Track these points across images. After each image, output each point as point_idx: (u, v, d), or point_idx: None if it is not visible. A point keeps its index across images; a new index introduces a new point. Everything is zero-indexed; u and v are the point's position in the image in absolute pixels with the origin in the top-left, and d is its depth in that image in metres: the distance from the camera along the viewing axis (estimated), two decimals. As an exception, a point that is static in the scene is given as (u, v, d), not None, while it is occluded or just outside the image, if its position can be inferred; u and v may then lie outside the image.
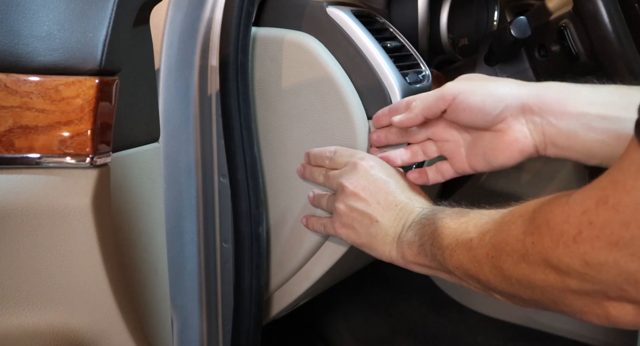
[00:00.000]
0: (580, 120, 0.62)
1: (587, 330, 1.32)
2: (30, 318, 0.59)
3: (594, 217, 0.42)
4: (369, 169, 0.72)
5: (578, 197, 0.44)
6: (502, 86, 0.66)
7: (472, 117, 0.66)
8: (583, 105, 0.62)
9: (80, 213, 0.56)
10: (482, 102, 0.65)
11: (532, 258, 0.48)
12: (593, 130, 0.61)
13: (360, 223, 0.71)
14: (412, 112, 0.70)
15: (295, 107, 0.82)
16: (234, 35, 0.77)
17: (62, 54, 0.54)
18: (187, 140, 0.83)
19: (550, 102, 0.63)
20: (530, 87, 0.65)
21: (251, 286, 0.83)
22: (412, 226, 0.67)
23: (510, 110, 0.64)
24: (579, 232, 0.43)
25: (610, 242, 0.41)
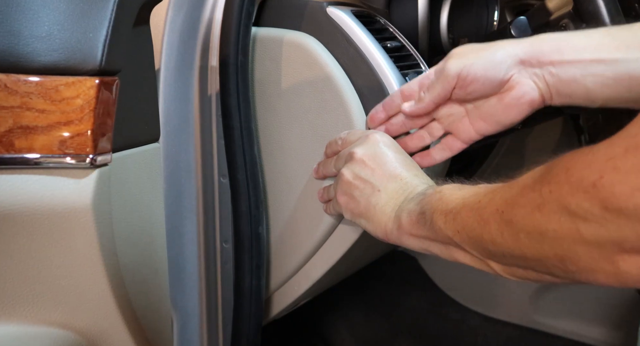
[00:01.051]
0: (577, 67, 0.64)
1: (587, 330, 1.32)
2: (30, 317, 0.59)
3: (621, 163, 0.40)
4: (381, 142, 0.72)
5: (603, 146, 0.43)
6: (498, 50, 0.67)
7: (480, 89, 0.68)
8: (577, 52, 0.64)
9: (80, 213, 0.56)
10: (484, 71, 0.67)
11: (547, 207, 0.46)
12: (590, 74, 0.64)
13: (361, 192, 0.70)
14: (423, 101, 0.71)
15: (295, 107, 0.82)
16: (234, 36, 0.77)
17: (63, 54, 0.54)
18: (187, 140, 0.83)
19: (546, 53, 0.65)
20: (525, 43, 0.67)
21: (251, 287, 0.83)
22: (415, 197, 0.66)
23: (512, 70, 0.67)
24: (600, 177, 0.41)
25: (634, 187, 0.39)
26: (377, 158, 0.71)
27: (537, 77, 0.67)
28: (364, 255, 0.82)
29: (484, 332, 1.42)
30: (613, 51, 0.63)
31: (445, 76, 0.69)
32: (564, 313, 1.35)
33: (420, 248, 0.66)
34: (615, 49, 0.63)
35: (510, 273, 0.56)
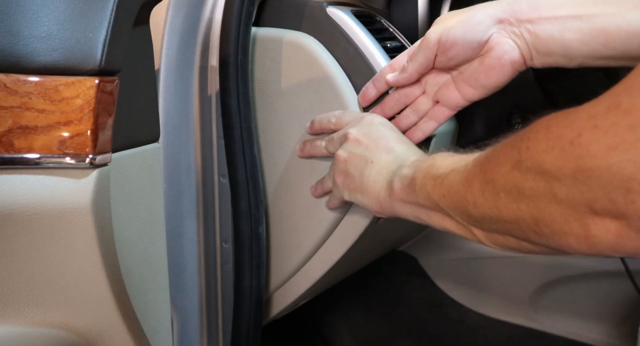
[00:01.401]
0: (554, 24, 0.65)
1: (587, 330, 1.32)
2: (30, 318, 0.59)
3: (601, 121, 0.39)
4: (375, 121, 0.73)
5: (587, 105, 0.42)
6: (477, 11, 0.68)
7: (461, 52, 0.69)
8: (554, 8, 0.65)
9: (80, 213, 0.56)
10: (464, 34, 0.68)
11: (524, 164, 0.45)
12: (568, 30, 0.64)
13: (355, 167, 0.71)
14: (407, 71, 0.73)
15: (294, 107, 0.82)
16: (234, 36, 0.77)
17: (62, 54, 0.54)
18: (187, 140, 0.83)
19: (523, 11, 0.66)
20: (503, 2, 0.67)
21: (251, 287, 0.83)
22: (409, 165, 0.66)
23: (491, 29, 0.68)
24: (579, 135, 0.40)
25: (610, 146, 0.38)
26: (371, 135, 0.71)
27: (515, 35, 0.68)
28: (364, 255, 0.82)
29: (484, 332, 1.42)
30: (590, 6, 0.63)
31: (427, 43, 0.70)
32: (564, 313, 1.35)
33: (412, 215, 0.65)
34: (592, 4, 0.63)
35: (492, 241, 0.56)
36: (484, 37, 0.68)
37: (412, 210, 0.65)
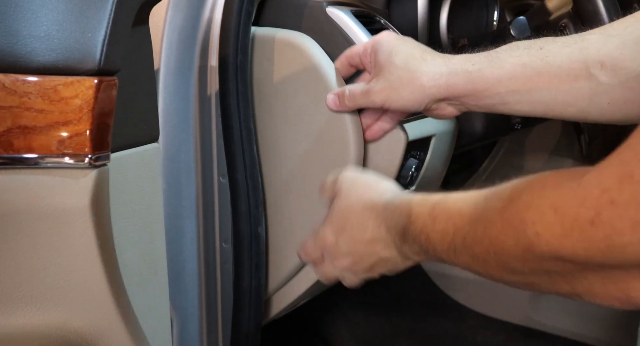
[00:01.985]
0: (493, 99, 0.68)
1: (587, 330, 1.32)
2: (29, 318, 0.59)
3: (617, 195, 0.37)
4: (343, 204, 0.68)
5: (593, 176, 0.40)
6: (415, 90, 0.71)
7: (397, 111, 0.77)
8: (491, 84, 0.67)
9: (79, 213, 0.56)
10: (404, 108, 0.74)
11: (538, 250, 0.43)
12: (506, 103, 0.68)
13: (360, 267, 0.68)
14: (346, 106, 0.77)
15: (291, 107, 0.82)
16: (234, 36, 0.77)
17: (61, 54, 0.53)
18: (186, 140, 0.83)
19: (462, 92, 0.69)
20: (441, 82, 0.70)
21: (251, 287, 0.83)
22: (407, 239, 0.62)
23: (430, 105, 0.72)
24: (598, 214, 0.38)
25: (635, 220, 0.37)
26: (348, 235, 0.67)
27: (454, 105, 0.73)
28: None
29: (484, 332, 1.42)
30: (526, 81, 0.65)
31: (370, 102, 0.74)
32: (564, 313, 1.35)
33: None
34: (528, 79, 0.65)
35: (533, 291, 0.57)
36: (424, 108, 0.73)
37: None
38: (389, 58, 0.72)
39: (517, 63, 0.66)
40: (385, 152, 0.81)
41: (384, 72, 0.73)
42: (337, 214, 0.68)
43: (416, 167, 0.84)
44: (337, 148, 0.79)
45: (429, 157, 0.88)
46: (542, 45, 0.66)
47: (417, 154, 0.86)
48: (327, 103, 0.78)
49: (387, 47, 0.73)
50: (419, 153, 0.86)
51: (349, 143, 0.78)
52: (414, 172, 0.84)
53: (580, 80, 0.63)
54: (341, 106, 0.77)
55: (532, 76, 0.65)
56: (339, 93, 0.77)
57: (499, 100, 0.68)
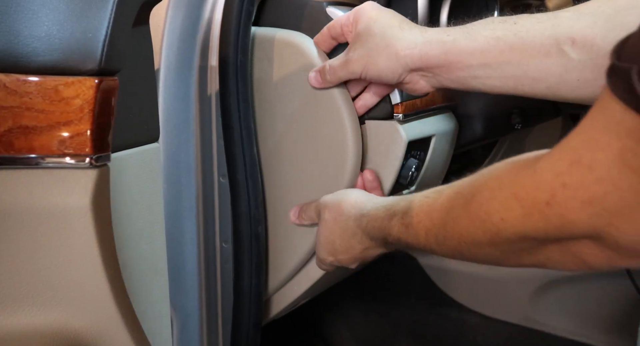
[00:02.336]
0: (465, 71, 0.69)
1: (587, 330, 1.32)
2: (29, 318, 0.59)
3: (568, 178, 0.43)
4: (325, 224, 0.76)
5: (546, 162, 0.45)
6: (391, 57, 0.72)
7: (378, 82, 0.77)
8: (463, 56, 0.68)
9: (79, 213, 0.56)
10: (379, 76, 0.73)
11: (504, 234, 0.49)
12: (478, 77, 0.69)
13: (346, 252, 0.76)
14: (327, 81, 0.77)
15: (290, 107, 0.82)
16: (234, 36, 0.77)
17: (62, 54, 0.53)
18: (187, 140, 0.83)
19: (435, 63, 0.70)
20: (415, 52, 0.71)
21: (251, 287, 0.83)
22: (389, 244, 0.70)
23: (404, 75, 0.73)
24: (553, 196, 0.43)
25: (584, 200, 0.42)
26: (342, 254, 0.76)
27: (427, 78, 0.73)
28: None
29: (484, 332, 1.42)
30: (497, 55, 0.66)
31: (350, 72, 0.74)
32: (564, 313, 1.35)
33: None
34: (499, 53, 0.66)
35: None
36: (399, 79, 0.73)
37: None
38: (367, 26, 0.73)
39: (490, 36, 0.67)
40: (386, 152, 0.81)
41: (361, 40, 0.73)
42: (325, 241, 0.76)
43: (416, 167, 0.84)
44: (336, 148, 0.79)
45: (429, 157, 0.88)
46: (516, 21, 0.67)
47: (417, 154, 0.86)
48: (310, 81, 0.78)
49: (367, 16, 0.74)
50: (419, 153, 0.86)
51: (348, 143, 0.78)
52: (414, 172, 0.84)
53: (552, 56, 0.64)
54: (323, 82, 0.77)
55: (504, 50, 0.66)
56: (319, 69, 0.78)
57: (471, 72, 0.69)
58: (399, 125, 0.80)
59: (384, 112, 0.81)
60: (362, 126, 0.81)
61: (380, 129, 0.81)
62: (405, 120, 0.82)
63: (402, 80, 0.74)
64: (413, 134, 0.82)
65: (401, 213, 0.65)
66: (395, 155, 0.81)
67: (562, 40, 0.62)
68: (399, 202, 0.67)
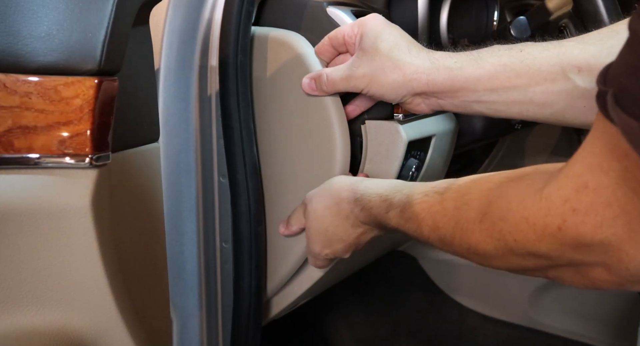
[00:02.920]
0: (470, 97, 0.70)
1: (587, 330, 1.32)
2: (29, 318, 0.59)
3: (577, 204, 0.44)
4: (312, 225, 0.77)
5: (553, 188, 0.46)
6: (396, 81, 0.72)
7: (373, 97, 0.77)
8: (471, 83, 0.69)
9: (79, 213, 0.56)
10: (382, 96, 0.74)
11: (518, 252, 0.50)
12: (482, 102, 0.70)
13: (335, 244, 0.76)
14: (325, 91, 0.77)
15: (286, 107, 0.81)
16: (234, 36, 0.77)
17: (62, 54, 0.54)
18: (187, 140, 0.83)
19: (440, 88, 0.71)
20: (422, 75, 0.71)
21: (251, 287, 0.83)
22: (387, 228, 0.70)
23: (407, 98, 0.74)
24: (564, 221, 0.45)
25: (595, 224, 0.43)
26: (337, 244, 0.76)
27: (429, 101, 0.74)
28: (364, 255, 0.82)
29: (484, 332, 1.42)
30: (503, 81, 0.67)
31: (352, 87, 0.75)
32: (564, 313, 1.35)
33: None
34: (506, 79, 0.67)
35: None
36: (401, 99, 0.74)
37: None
38: (374, 43, 0.73)
39: (497, 63, 0.68)
40: (386, 152, 0.81)
41: (367, 57, 0.73)
42: (315, 233, 0.76)
43: (416, 167, 0.84)
44: (324, 150, 0.78)
45: (429, 157, 0.88)
46: (522, 48, 0.68)
47: (417, 154, 0.86)
48: (303, 87, 0.77)
49: (374, 31, 0.73)
50: (419, 153, 0.86)
51: (335, 145, 0.78)
52: (414, 172, 0.84)
53: (558, 82, 0.65)
54: (317, 90, 0.77)
55: (511, 76, 0.67)
56: (315, 77, 0.77)
57: (476, 98, 0.70)
58: (399, 125, 0.80)
59: (384, 112, 0.81)
60: (362, 126, 0.81)
61: (381, 129, 0.81)
62: (405, 120, 0.82)
63: (404, 101, 0.75)
64: (413, 134, 0.82)
65: (399, 207, 0.65)
66: (395, 155, 0.81)
67: (568, 68, 0.64)
68: (395, 194, 0.67)
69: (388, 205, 0.67)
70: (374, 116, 0.81)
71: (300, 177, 0.82)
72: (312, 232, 0.77)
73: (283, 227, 0.83)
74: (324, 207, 0.74)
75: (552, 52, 0.65)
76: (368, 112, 0.81)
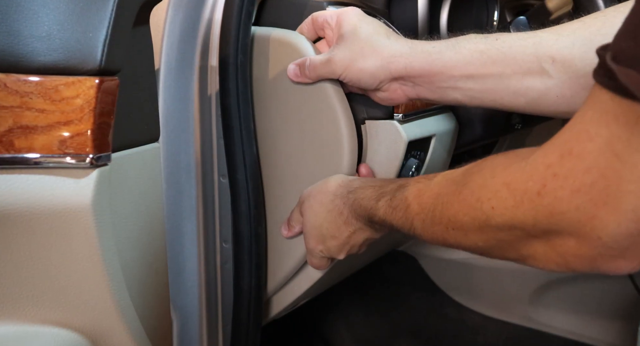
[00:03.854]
0: (447, 82, 0.70)
1: (587, 330, 1.32)
2: (30, 318, 0.59)
3: (558, 169, 0.44)
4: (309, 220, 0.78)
5: (539, 155, 0.46)
6: (374, 64, 0.72)
7: (356, 86, 0.76)
8: (448, 68, 0.70)
9: (80, 213, 0.56)
10: (359, 80, 0.74)
11: (493, 222, 0.50)
12: (458, 88, 0.70)
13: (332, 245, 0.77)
14: (306, 76, 0.77)
15: (287, 106, 0.82)
16: (234, 36, 0.77)
17: (62, 54, 0.54)
18: (187, 140, 0.83)
19: (418, 72, 0.71)
20: (400, 59, 0.71)
21: (251, 286, 0.83)
22: (374, 224, 0.71)
23: (384, 82, 0.74)
24: (543, 186, 0.45)
25: (573, 189, 0.43)
26: (331, 240, 0.77)
27: (406, 87, 0.74)
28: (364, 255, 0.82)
29: (484, 332, 1.42)
30: (479, 67, 0.68)
31: (330, 71, 0.75)
32: (564, 313, 1.35)
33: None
34: (481, 65, 0.68)
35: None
36: (378, 85, 0.74)
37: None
38: (354, 29, 0.74)
39: (474, 49, 0.68)
40: (386, 152, 0.81)
41: (346, 42, 0.74)
42: (311, 227, 0.77)
43: (416, 167, 0.84)
44: (331, 147, 0.78)
45: (429, 157, 0.88)
46: (498, 37, 0.69)
47: (417, 154, 0.86)
48: (288, 74, 0.78)
49: (353, 19, 0.74)
50: (419, 153, 0.86)
51: (343, 142, 0.78)
52: (414, 172, 0.84)
53: (533, 72, 0.66)
54: (302, 76, 0.77)
55: (487, 63, 0.68)
56: (299, 63, 0.78)
57: (452, 83, 0.70)
58: (399, 125, 0.80)
59: (384, 112, 0.81)
60: (362, 126, 0.81)
61: (380, 129, 0.81)
62: (405, 120, 0.82)
63: (380, 88, 0.75)
64: (413, 134, 0.82)
65: (390, 195, 0.66)
66: (395, 155, 0.81)
67: (543, 58, 0.65)
68: (389, 184, 0.68)
69: (379, 194, 0.68)
70: (374, 116, 0.82)
71: (302, 176, 0.82)
72: (307, 227, 0.78)
73: (285, 230, 0.83)
74: (320, 203, 0.75)
75: (527, 42, 0.66)
76: (368, 112, 0.81)
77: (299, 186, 0.82)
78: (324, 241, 0.77)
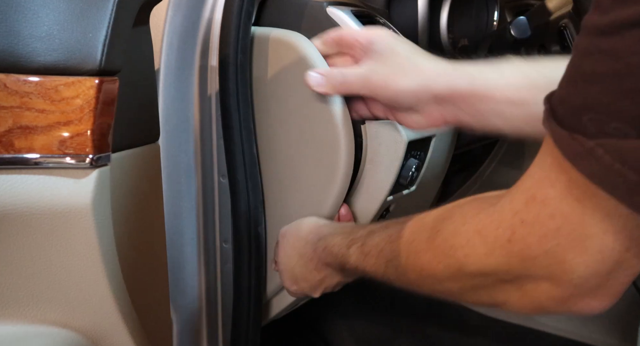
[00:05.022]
0: (489, 105, 0.66)
1: (587, 330, 1.32)
2: (30, 318, 0.59)
3: (525, 215, 0.44)
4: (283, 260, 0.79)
5: (506, 201, 0.46)
6: (413, 79, 0.68)
7: (389, 102, 0.71)
8: (489, 90, 0.66)
9: (80, 213, 0.56)
10: (395, 96, 0.69)
11: (467, 270, 0.50)
12: (502, 114, 0.66)
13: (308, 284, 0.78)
14: (330, 91, 0.74)
15: (287, 107, 0.81)
16: (234, 36, 0.77)
17: (62, 54, 0.54)
18: (187, 140, 0.83)
19: (459, 93, 0.67)
20: (443, 78, 0.67)
21: (251, 287, 0.83)
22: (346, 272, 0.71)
23: (422, 102, 0.69)
24: (513, 233, 0.45)
25: (540, 235, 0.43)
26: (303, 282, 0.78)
27: (446, 110, 0.69)
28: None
29: (484, 332, 1.42)
30: (522, 91, 0.64)
31: (365, 87, 0.70)
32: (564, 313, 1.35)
33: None
34: (523, 88, 0.64)
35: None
36: (416, 106, 0.69)
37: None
38: (391, 47, 0.70)
39: (516, 71, 0.66)
40: (386, 152, 0.81)
41: (383, 58, 0.69)
42: (285, 269, 0.79)
43: (416, 167, 0.84)
44: (328, 149, 0.78)
45: (429, 157, 0.88)
46: (536, 60, 0.66)
47: (417, 154, 0.85)
48: (310, 82, 0.73)
49: (388, 39, 0.70)
50: (419, 153, 0.86)
51: (340, 145, 0.77)
52: (414, 172, 0.84)
53: None
54: (327, 87, 0.72)
55: (529, 86, 0.64)
56: (327, 73, 0.73)
57: (494, 107, 0.66)
58: (399, 125, 0.80)
59: (384, 112, 0.81)
60: (362, 126, 0.81)
61: (380, 129, 0.81)
62: (405, 120, 0.82)
63: (418, 109, 0.70)
64: (413, 134, 0.82)
65: (360, 241, 0.66)
66: (395, 155, 0.81)
67: None
68: (358, 230, 0.67)
69: (350, 241, 0.67)
70: (374, 116, 0.81)
71: (301, 176, 0.82)
72: (281, 267, 0.79)
73: (274, 264, 0.84)
74: (292, 246, 0.77)
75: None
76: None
77: (298, 186, 0.82)
78: (297, 282, 0.78)
